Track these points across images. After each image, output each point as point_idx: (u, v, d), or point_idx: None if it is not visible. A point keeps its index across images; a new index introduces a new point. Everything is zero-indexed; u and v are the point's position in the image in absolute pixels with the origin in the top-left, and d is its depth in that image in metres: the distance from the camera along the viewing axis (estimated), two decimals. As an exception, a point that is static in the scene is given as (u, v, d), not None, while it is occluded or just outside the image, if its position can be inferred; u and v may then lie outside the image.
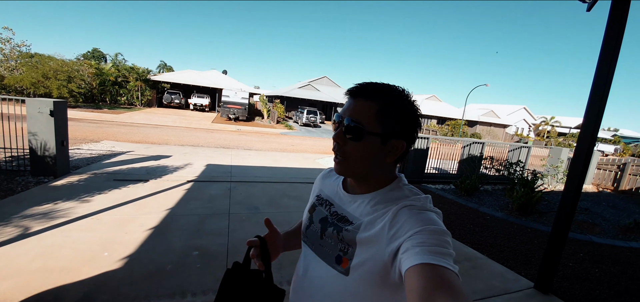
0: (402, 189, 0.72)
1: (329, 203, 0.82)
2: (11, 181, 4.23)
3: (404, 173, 6.85)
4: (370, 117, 0.66)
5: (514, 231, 4.55)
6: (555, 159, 8.94)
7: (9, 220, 3.07)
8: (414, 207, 0.65)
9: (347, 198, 0.78)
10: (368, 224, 0.68)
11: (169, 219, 3.53)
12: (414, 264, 0.53)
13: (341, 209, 0.77)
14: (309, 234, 0.82)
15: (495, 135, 34.54)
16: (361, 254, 0.67)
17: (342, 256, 0.70)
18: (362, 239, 0.67)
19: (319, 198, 0.86)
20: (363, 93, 0.69)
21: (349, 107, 0.69)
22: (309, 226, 0.83)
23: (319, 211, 0.82)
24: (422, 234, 0.57)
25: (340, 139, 0.69)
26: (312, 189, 0.94)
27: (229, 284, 0.80)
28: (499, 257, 3.57)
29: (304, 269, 0.82)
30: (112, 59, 31.86)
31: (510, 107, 45.62)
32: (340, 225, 0.73)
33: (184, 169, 5.96)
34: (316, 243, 0.79)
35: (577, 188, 2.67)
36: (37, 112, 4.41)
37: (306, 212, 0.87)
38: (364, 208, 0.72)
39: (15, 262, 2.39)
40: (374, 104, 0.67)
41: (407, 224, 0.61)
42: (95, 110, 17.73)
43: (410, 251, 0.56)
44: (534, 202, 5.37)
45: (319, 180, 0.93)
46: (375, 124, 0.67)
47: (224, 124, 18.49)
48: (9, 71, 16.23)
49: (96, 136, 9.07)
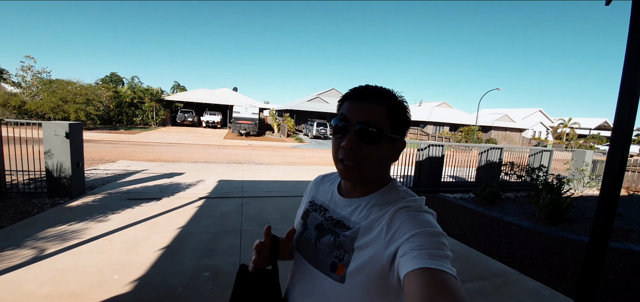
0: (397, 191, 0.71)
1: (324, 209, 0.80)
2: (28, 203, 4.27)
3: (420, 182, 6.57)
4: (383, 119, 0.67)
5: (544, 242, 4.24)
6: (580, 162, 8.49)
7: (23, 243, 3.05)
8: (410, 209, 0.64)
9: (342, 202, 0.76)
10: (366, 228, 0.67)
11: (180, 238, 3.45)
12: (413, 268, 0.52)
13: (336, 214, 0.75)
14: (302, 241, 0.79)
15: (512, 140, 33.54)
16: (358, 259, 0.65)
17: (337, 262, 0.68)
18: (360, 245, 0.66)
19: (312, 204, 0.84)
20: (371, 96, 0.68)
21: (358, 110, 0.68)
22: (302, 232, 0.80)
23: (313, 217, 0.80)
24: (419, 237, 0.57)
25: (354, 144, 0.66)
26: (304, 195, 0.91)
27: (243, 280, 0.80)
28: (531, 271, 3.29)
29: (297, 279, 0.79)
30: (129, 81, 33.02)
31: (526, 111, 44.44)
32: (337, 230, 0.71)
33: (196, 186, 5.93)
34: (310, 251, 0.76)
35: (614, 193, 2.41)
36: (53, 134, 4.48)
37: (299, 220, 0.85)
38: (360, 212, 0.70)
39: (25, 287, 2.33)
40: (384, 107, 0.67)
41: (403, 226, 0.60)
42: (112, 131, 18.29)
43: (408, 255, 0.55)
44: (563, 209, 5.03)
45: (312, 186, 0.91)
46: (388, 126, 0.67)
47: (236, 139, 18.67)
48: (31, 97, 17.01)
49: (112, 156, 9.25)
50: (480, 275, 3.05)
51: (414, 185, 7.02)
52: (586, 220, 5.35)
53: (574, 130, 35.53)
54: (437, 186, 7.07)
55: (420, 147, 6.94)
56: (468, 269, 3.16)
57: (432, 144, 6.85)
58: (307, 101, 32.39)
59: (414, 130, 31.60)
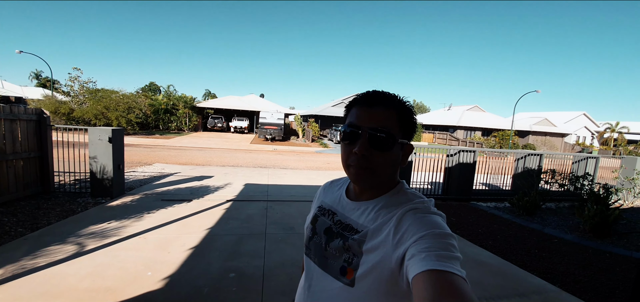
0: (405, 193, 0.71)
1: (332, 212, 0.80)
2: (73, 202, 4.64)
3: (449, 190, 6.30)
4: (394, 124, 0.67)
5: (589, 257, 3.87)
6: (630, 171, 7.69)
7: (67, 239, 3.30)
8: (418, 211, 0.64)
9: (350, 206, 0.76)
10: (374, 231, 0.67)
11: (208, 239, 3.56)
12: (421, 271, 0.51)
13: (345, 218, 0.75)
14: (312, 246, 0.79)
15: (553, 146, 31.23)
16: (367, 262, 0.65)
17: (347, 266, 0.68)
18: (369, 248, 0.65)
19: (320, 209, 0.84)
20: (380, 102, 0.69)
21: (368, 116, 0.68)
22: (311, 237, 0.80)
23: (322, 221, 0.80)
24: (427, 238, 0.56)
25: (365, 150, 0.67)
26: (313, 201, 0.92)
27: None
28: (575, 288, 3.01)
29: (308, 284, 0.79)
30: (165, 90, 35.11)
31: (568, 114, 41.17)
32: (346, 234, 0.71)
33: (224, 189, 6.12)
34: (320, 255, 0.76)
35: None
36: (98, 139, 4.85)
37: (308, 225, 0.85)
38: (368, 215, 0.70)
39: (67, 281, 2.52)
40: (393, 112, 0.68)
41: (411, 228, 0.60)
42: (150, 136, 19.51)
43: (416, 257, 0.54)
44: (610, 222, 4.57)
45: (321, 191, 0.91)
46: (399, 131, 0.68)
47: (262, 144, 19.11)
48: (78, 105, 18.61)
49: (149, 159, 9.83)
50: (517, 291, 2.83)
51: (443, 192, 6.73)
52: (638, 234, 4.82)
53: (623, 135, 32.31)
54: (469, 194, 6.72)
55: (449, 153, 6.65)
56: (504, 285, 2.95)
57: (463, 150, 6.55)
58: (332, 106, 32.44)
59: (443, 135, 30.47)
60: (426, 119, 35.24)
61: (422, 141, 28.52)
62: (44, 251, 2.98)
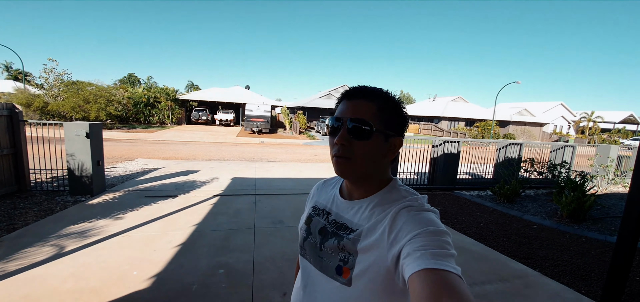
0: (398, 190, 0.71)
1: (326, 212, 0.80)
2: (51, 201, 4.45)
3: (434, 180, 6.43)
4: (373, 115, 0.67)
5: (566, 241, 4.07)
6: (605, 158, 8.11)
7: (47, 239, 3.17)
8: (412, 208, 0.64)
9: (344, 205, 0.76)
10: (369, 230, 0.67)
11: (195, 235, 3.51)
12: (417, 269, 0.52)
13: (339, 217, 0.75)
14: (307, 246, 0.79)
15: (532, 135, 32.39)
16: (363, 261, 0.65)
17: (343, 266, 0.68)
18: (364, 247, 0.65)
19: (315, 209, 0.84)
20: (362, 95, 0.70)
21: (349, 108, 0.69)
22: (306, 238, 0.80)
23: (317, 221, 0.80)
24: (422, 236, 0.57)
25: (345, 140, 0.67)
26: (307, 200, 0.92)
27: None
28: (554, 272, 3.16)
29: (304, 284, 0.79)
30: (145, 82, 33.88)
31: (546, 104, 42.75)
32: (341, 233, 0.71)
33: (210, 183, 6.02)
34: (315, 255, 0.76)
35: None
36: (74, 134, 4.64)
37: (302, 225, 0.85)
38: (362, 213, 0.70)
39: (49, 282, 2.42)
40: (374, 104, 0.68)
41: (406, 226, 0.60)
42: (131, 130, 18.80)
43: (411, 255, 0.55)
44: (586, 208, 4.81)
45: (314, 191, 0.91)
46: (379, 122, 0.68)
47: (248, 137, 18.86)
48: (53, 98, 17.72)
49: (131, 154, 9.52)
50: (500, 276, 2.95)
51: (428, 182, 6.88)
52: (611, 219, 5.10)
53: (597, 124, 33.91)
54: (453, 184, 6.90)
55: (434, 143, 6.78)
56: (487, 270, 3.06)
57: (447, 140, 6.69)
58: (319, 98, 32.31)
59: (428, 125, 31.01)
60: (412, 110, 35.75)
61: (408, 132, 28.92)
62: (23, 253, 2.86)
